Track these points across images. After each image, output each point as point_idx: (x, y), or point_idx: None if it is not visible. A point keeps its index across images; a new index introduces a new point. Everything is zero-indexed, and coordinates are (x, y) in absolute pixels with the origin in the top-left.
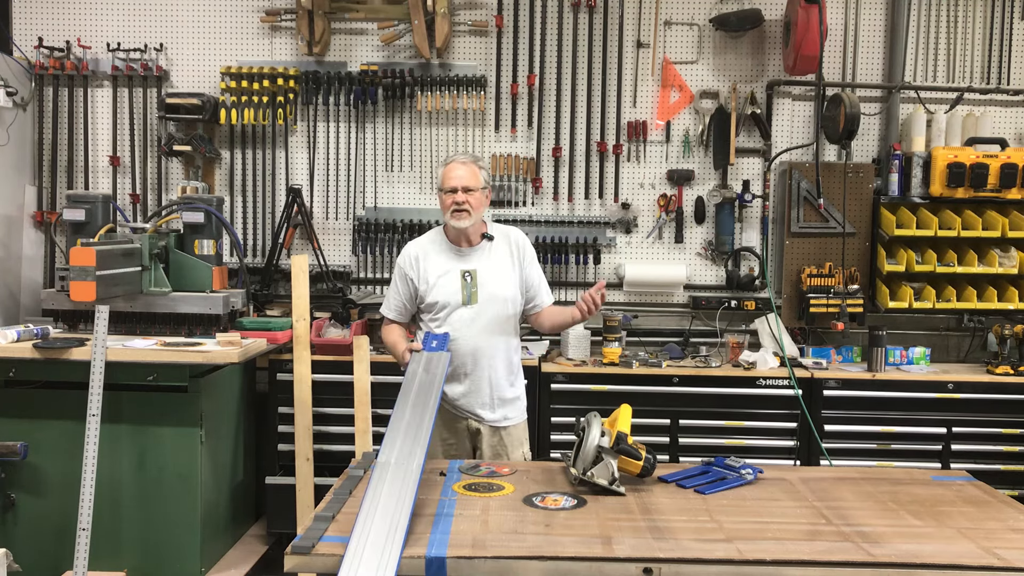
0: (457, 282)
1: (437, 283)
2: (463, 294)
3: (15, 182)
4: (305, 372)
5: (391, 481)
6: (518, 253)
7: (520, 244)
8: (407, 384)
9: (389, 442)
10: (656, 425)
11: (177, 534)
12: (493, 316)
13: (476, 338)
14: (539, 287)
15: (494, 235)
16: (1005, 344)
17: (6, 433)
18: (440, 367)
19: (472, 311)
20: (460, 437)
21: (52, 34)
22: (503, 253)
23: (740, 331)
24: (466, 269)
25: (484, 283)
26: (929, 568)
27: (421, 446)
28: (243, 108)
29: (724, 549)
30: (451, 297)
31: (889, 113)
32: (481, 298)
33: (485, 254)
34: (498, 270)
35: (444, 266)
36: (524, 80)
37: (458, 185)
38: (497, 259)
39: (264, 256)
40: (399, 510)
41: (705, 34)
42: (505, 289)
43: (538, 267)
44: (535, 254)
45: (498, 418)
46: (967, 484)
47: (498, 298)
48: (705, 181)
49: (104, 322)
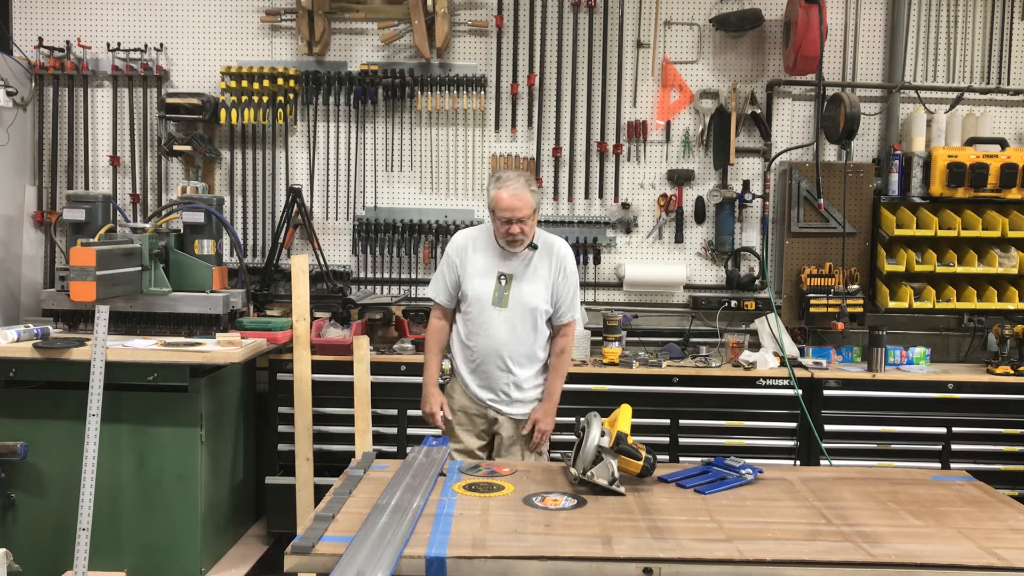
0: (492, 282)
1: (475, 278)
2: (496, 295)
3: (15, 182)
4: (305, 372)
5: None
6: (558, 266)
7: (561, 257)
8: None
9: (388, 493)
10: (656, 425)
11: (177, 534)
12: (519, 321)
13: (501, 338)
14: (564, 303)
15: (539, 244)
16: (1005, 344)
17: (6, 433)
18: (440, 456)
19: (500, 313)
20: (476, 424)
21: (52, 34)
22: (543, 264)
23: (740, 331)
24: (504, 272)
25: (517, 290)
26: (929, 568)
27: (421, 495)
28: (243, 108)
29: (724, 549)
30: (484, 295)
31: (889, 113)
32: (511, 303)
33: (526, 261)
34: (533, 279)
35: (485, 263)
36: (524, 80)
37: (513, 217)
38: (535, 269)
39: (264, 256)
40: (399, 524)
41: (705, 34)
42: (535, 299)
43: (572, 283)
44: (576, 269)
45: (514, 412)
46: (967, 484)
47: (527, 306)
48: (705, 181)
49: (104, 322)
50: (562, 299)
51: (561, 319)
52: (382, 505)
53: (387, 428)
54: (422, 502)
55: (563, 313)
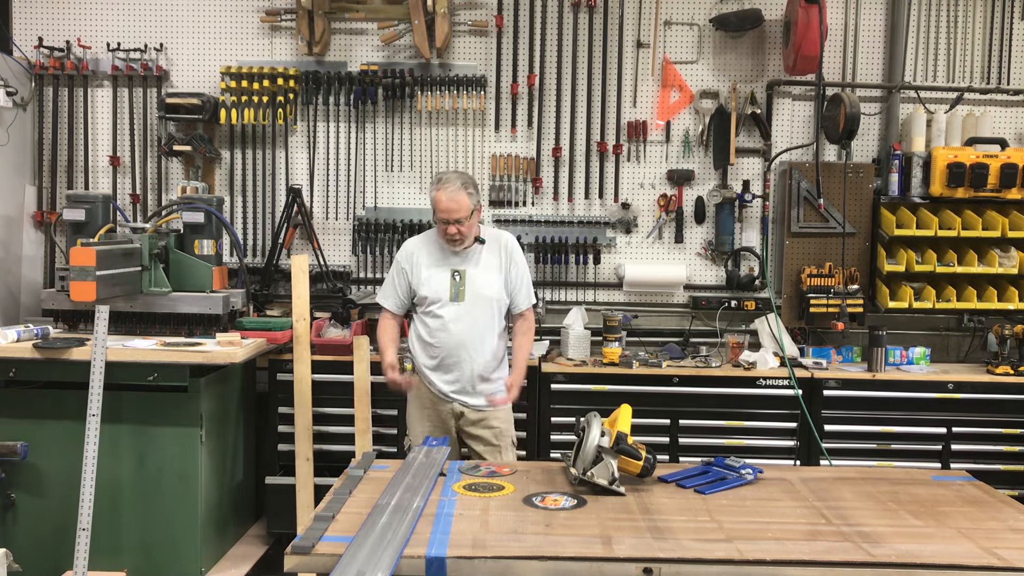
0: (447, 280)
1: (429, 279)
2: (452, 291)
3: (15, 182)
4: (305, 372)
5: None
6: (506, 257)
7: (508, 248)
8: (407, 464)
9: (388, 493)
10: (656, 425)
11: (177, 534)
12: (479, 313)
13: (462, 332)
14: (517, 290)
15: (486, 239)
16: (1005, 344)
17: (6, 433)
18: (440, 456)
19: (459, 307)
20: (444, 418)
21: (52, 34)
22: (492, 256)
23: (740, 331)
24: (456, 268)
25: (472, 282)
26: (929, 568)
27: (421, 495)
28: (243, 108)
29: (724, 549)
30: (441, 293)
31: (889, 113)
32: (468, 296)
33: (475, 256)
34: (485, 272)
35: (437, 264)
36: (524, 80)
37: (449, 218)
38: (486, 262)
39: (264, 256)
40: (400, 524)
41: (705, 34)
42: (490, 289)
43: (523, 271)
44: (524, 258)
45: (481, 404)
46: (967, 484)
47: (483, 297)
48: (705, 181)
49: (104, 322)
50: (516, 287)
51: (519, 307)
52: (382, 505)
53: (387, 428)
54: (422, 502)
55: (520, 301)
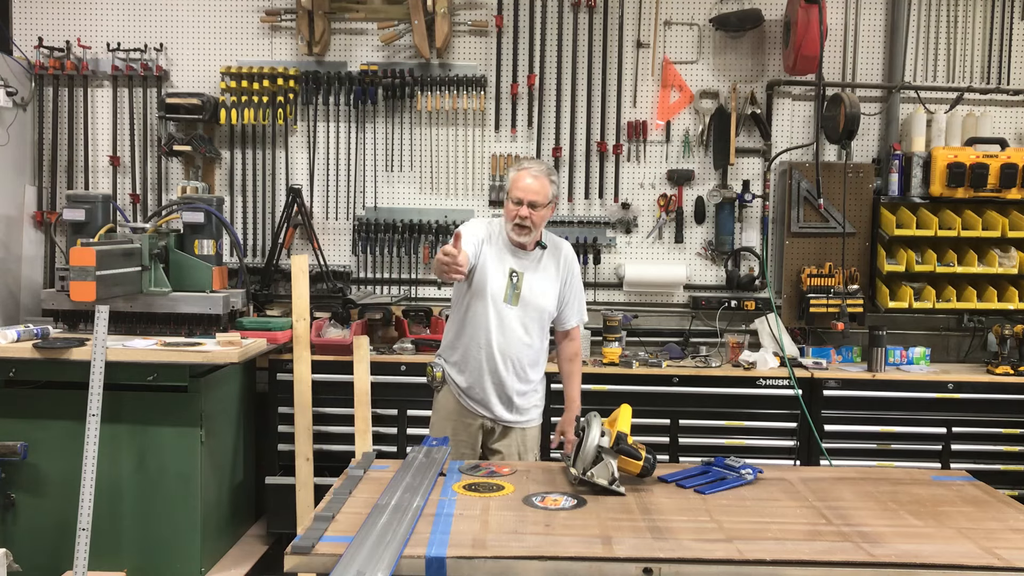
0: (504, 278)
1: (487, 270)
2: (506, 291)
3: (15, 182)
4: (305, 372)
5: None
6: (565, 269)
7: (568, 259)
8: (408, 463)
9: (388, 493)
10: (656, 425)
11: (177, 534)
12: (527, 320)
13: (506, 337)
14: (570, 304)
15: (547, 244)
16: (1005, 344)
17: (6, 433)
18: (440, 456)
19: (510, 311)
20: (471, 434)
21: (52, 34)
22: (551, 265)
23: (740, 331)
24: (515, 269)
25: (527, 287)
26: (929, 568)
27: (421, 495)
28: (243, 108)
29: (724, 549)
30: (496, 290)
31: (889, 113)
32: (522, 300)
33: (535, 261)
34: (542, 280)
35: (498, 258)
36: (524, 80)
37: (525, 198)
38: (544, 269)
39: (264, 256)
40: (400, 524)
41: (705, 34)
42: (544, 299)
43: (579, 285)
44: (580, 272)
45: (513, 419)
46: (967, 484)
47: (535, 306)
48: (705, 181)
49: (104, 322)
50: (570, 301)
51: (569, 321)
52: (382, 505)
53: (387, 428)
54: (422, 502)
55: (571, 315)
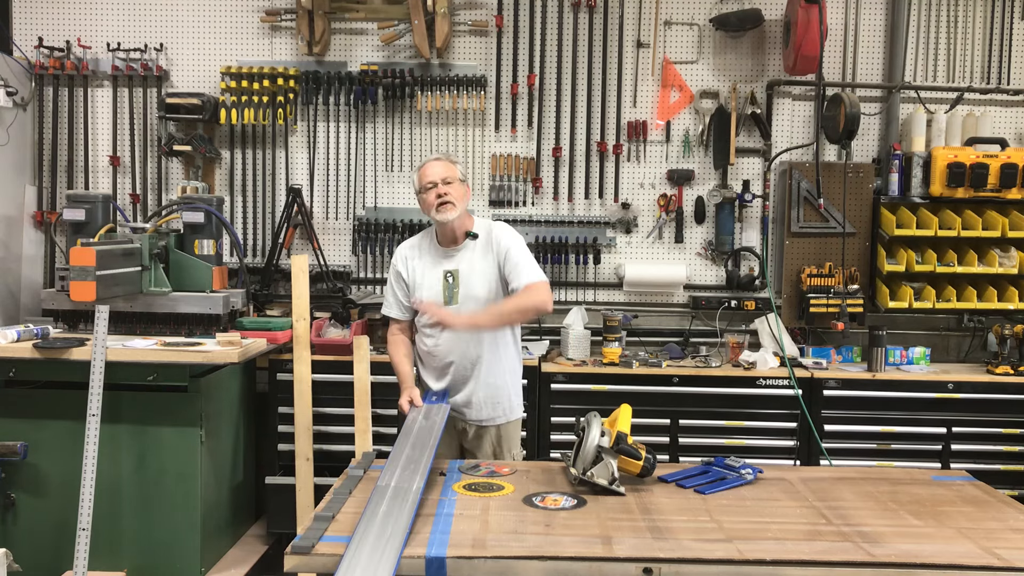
0: (440, 282)
1: (423, 283)
2: (444, 294)
3: (15, 182)
4: (305, 372)
5: (391, 499)
6: (495, 246)
7: (496, 235)
8: (407, 429)
9: (388, 471)
10: (656, 425)
11: (177, 534)
12: None
13: (458, 338)
14: (516, 269)
15: (478, 232)
16: (1005, 344)
17: (6, 433)
18: (440, 416)
19: (453, 311)
20: (448, 435)
21: (52, 34)
22: (483, 250)
23: (740, 331)
24: (448, 269)
25: (465, 283)
26: (929, 568)
27: (421, 475)
28: (243, 108)
29: (724, 549)
30: (434, 297)
31: (889, 113)
32: (460, 298)
33: (468, 253)
34: (478, 269)
35: (430, 266)
36: (524, 80)
37: (437, 179)
38: (479, 257)
39: (264, 256)
40: (399, 516)
41: (705, 34)
42: (484, 289)
43: (516, 250)
44: (517, 238)
45: (484, 417)
46: (967, 484)
47: (478, 299)
48: (705, 181)
49: (104, 322)
50: (512, 273)
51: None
52: (382, 487)
53: (387, 428)
54: (422, 482)
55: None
